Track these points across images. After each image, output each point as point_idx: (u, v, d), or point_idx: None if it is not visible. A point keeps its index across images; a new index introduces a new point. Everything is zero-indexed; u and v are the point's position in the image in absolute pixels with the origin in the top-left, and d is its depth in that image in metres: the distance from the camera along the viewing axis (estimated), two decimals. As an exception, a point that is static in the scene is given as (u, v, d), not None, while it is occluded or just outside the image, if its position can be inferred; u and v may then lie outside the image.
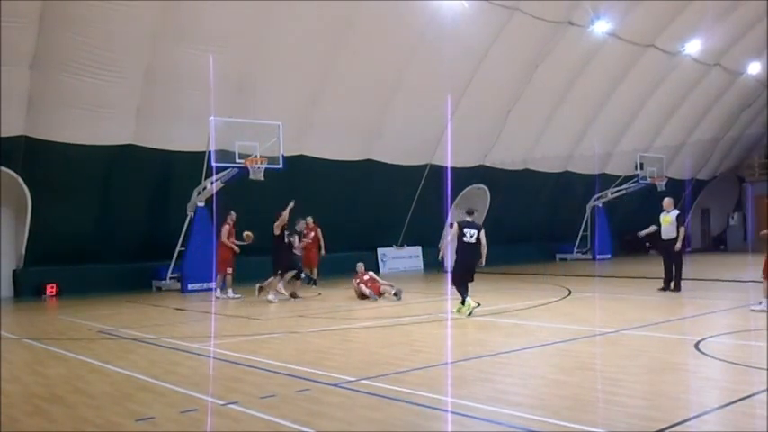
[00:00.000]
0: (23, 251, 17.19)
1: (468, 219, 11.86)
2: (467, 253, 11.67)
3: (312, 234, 18.01)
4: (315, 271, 18.41)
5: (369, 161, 22.21)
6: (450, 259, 11.76)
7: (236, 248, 15.92)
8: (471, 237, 11.56)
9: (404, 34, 19.56)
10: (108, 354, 8.70)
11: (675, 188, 29.39)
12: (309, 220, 18.01)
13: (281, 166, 16.57)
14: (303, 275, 16.72)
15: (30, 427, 5.47)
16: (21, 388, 6.87)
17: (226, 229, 15.89)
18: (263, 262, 15.84)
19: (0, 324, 11.66)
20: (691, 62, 27.22)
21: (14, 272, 17.51)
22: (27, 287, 17.25)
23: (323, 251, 18.48)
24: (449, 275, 12.55)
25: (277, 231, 15.06)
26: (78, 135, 16.61)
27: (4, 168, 16.23)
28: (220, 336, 10.22)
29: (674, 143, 30.70)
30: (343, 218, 21.52)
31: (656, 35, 24.87)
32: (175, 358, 8.37)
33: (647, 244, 15.90)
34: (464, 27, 19.76)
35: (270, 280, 15.15)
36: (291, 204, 15.23)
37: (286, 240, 15.21)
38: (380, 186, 22.43)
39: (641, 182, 26.33)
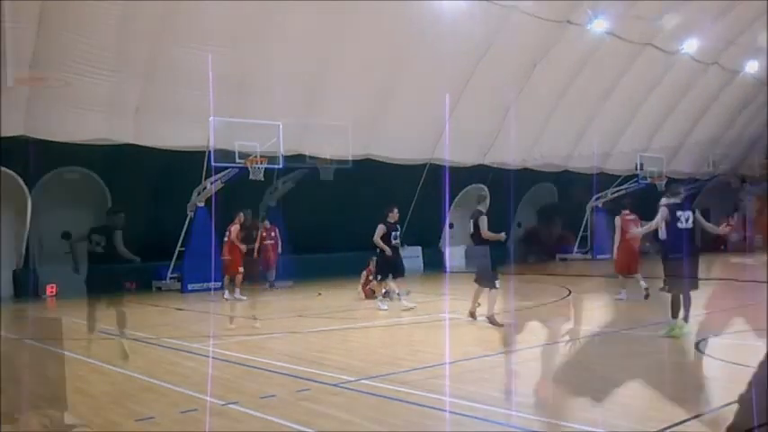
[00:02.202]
0: (23, 251, 17.18)
1: (676, 199, 9.32)
2: (683, 243, 9.12)
3: (273, 234, 17.60)
4: (273, 273, 18.05)
5: (368, 160, 22.17)
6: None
7: (243, 249, 15.53)
8: (687, 220, 9.00)
9: (403, 33, 19.51)
10: (108, 354, 8.70)
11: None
12: (266, 222, 17.70)
13: (280, 165, 16.57)
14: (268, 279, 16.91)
15: (30, 427, 5.46)
16: (21, 388, 6.86)
17: (235, 229, 15.50)
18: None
19: (0, 324, 11.65)
20: (689, 61, 27.20)
21: (14, 272, 17.50)
22: (27, 287, 17.22)
23: (279, 250, 18.00)
24: (447, 274, 12.26)
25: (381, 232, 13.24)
26: (78, 134, 16.59)
27: (3, 168, 16.24)
28: (220, 336, 10.22)
29: (673, 142, 30.64)
30: (342, 217, 21.50)
31: (655, 34, 24.86)
32: (175, 358, 8.37)
33: (647, 244, 15.83)
34: (463, 25, 19.75)
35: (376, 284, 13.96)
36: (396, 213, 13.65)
37: (393, 241, 13.37)
38: (380, 186, 22.36)
39: (641, 182, 26.32)
